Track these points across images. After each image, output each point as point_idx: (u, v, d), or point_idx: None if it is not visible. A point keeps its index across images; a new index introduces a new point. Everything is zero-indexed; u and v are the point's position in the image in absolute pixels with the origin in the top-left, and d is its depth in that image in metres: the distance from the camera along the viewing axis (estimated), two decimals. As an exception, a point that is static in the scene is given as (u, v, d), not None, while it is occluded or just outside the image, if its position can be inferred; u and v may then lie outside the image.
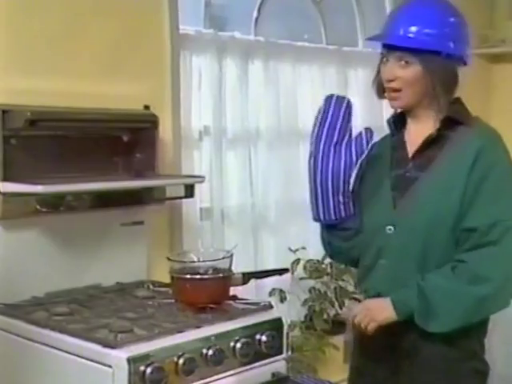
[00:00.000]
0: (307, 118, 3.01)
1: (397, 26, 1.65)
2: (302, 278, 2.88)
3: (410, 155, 1.67)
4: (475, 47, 3.51)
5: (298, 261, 2.86)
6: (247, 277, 1.93)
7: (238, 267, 1.98)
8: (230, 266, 1.88)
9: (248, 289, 2.30)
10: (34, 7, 2.00)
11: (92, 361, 1.59)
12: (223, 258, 1.87)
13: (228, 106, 2.69)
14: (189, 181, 2.10)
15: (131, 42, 2.22)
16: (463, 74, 1.70)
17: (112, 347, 1.57)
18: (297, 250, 2.87)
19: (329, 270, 2.93)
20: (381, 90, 1.69)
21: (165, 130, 2.30)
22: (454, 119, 1.65)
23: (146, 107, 2.20)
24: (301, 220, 2.94)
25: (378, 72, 1.69)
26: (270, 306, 1.88)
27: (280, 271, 2.14)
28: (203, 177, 2.15)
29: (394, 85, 1.64)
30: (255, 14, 2.89)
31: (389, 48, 1.65)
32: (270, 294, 2.78)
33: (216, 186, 2.64)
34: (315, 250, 2.89)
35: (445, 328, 1.56)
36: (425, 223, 1.59)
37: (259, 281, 2.48)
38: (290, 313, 2.85)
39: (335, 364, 2.80)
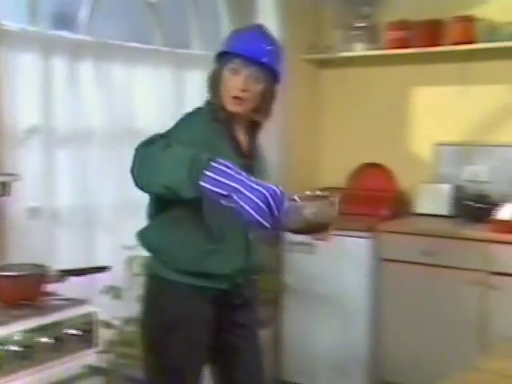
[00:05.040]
0: (144, 119, 3.09)
1: (258, 44, 1.92)
2: (137, 275, 2.93)
3: (243, 148, 1.98)
4: (305, 53, 3.78)
5: (133, 258, 2.91)
6: (64, 274, 1.95)
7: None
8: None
9: (78, 286, 2.32)
10: None
11: None
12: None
13: (57, 105, 2.68)
14: (1, 179, 2.09)
15: None
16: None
17: None
18: (132, 247, 2.91)
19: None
20: (217, 90, 1.93)
21: (-15, 129, 2.25)
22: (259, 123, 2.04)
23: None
24: (136, 218, 3.00)
25: (218, 75, 1.93)
26: (83, 302, 1.92)
27: (100, 269, 2.18)
28: (16, 175, 2.14)
29: (244, 95, 1.90)
30: (87, 13, 2.89)
31: (247, 61, 1.89)
32: (104, 291, 2.81)
33: (45, 185, 2.63)
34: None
35: None
36: None
37: (92, 278, 2.52)
38: (126, 309, 2.89)
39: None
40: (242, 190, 1.59)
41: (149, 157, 1.74)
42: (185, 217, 1.89)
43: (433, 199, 3.57)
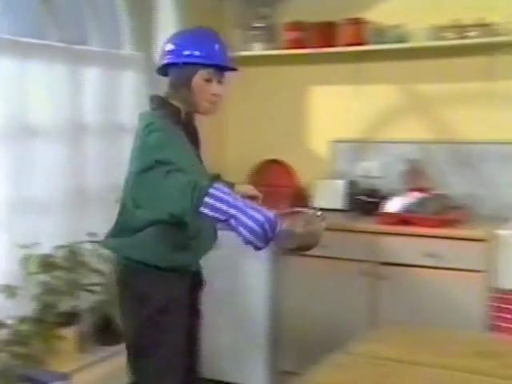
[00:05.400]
0: (38, 115, 3.05)
1: (226, 53, 2.18)
2: (32, 273, 2.90)
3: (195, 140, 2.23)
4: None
5: (29, 256, 2.88)
6: None
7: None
8: None
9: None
10: None
11: None
12: None
13: None
14: None
15: None
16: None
17: None
18: (29, 245, 2.88)
19: (62, 264, 2.99)
20: (190, 96, 2.14)
21: None
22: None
23: None
24: (32, 216, 2.97)
25: (189, 82, 2.12)
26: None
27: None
28: None
29: (219, 99, 2.17)
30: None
31: (220, 69, 2.15)
32: (-2, 290, 2.77)
33: None
34: (48, 245, 2.97)
35: None
36: None
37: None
38: (21, 308, 2.86)
39: (67, 355, 2.87)
40: (238, 215, 1.77)
41: (150, 184, 1.91)
42: (173, 227, 2.06)
43: (329, 194, 3.71)
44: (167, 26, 3.61)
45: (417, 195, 3.27)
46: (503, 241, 2.94)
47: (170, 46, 2.19)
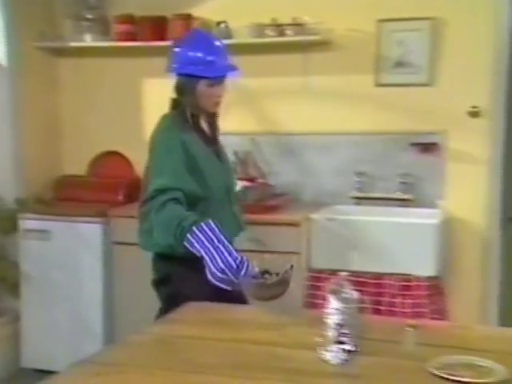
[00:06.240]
0: None
1: (226, 60, 2.41)
2: None
3: (208, 137, 2.41)
4: (37, 41, 3.79)
5: None
6: None
7: None
8: None
9: None
10: None
11: None
12: None
13: None
14: None
15: None
16: None
17: None
18: None
19: None
20: (194, 99, 2.35)
21: None
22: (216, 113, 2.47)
23: None
24: None
25: (193, 88, 2.34)
26: None
27: None
28: None
29: (222, 99, 2.39)
30: None
31: (222, 75, 2.37)
32: None
33: None
34: None
35: None
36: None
37: None
38: None
39: None
40: (205, 257, 2.07)
41: (151, 215, 2.19)
42: None
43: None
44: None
45: (243, 184, 3.45)
46: (315, 224, 3.19)
47: (178, 56, 2.41)
